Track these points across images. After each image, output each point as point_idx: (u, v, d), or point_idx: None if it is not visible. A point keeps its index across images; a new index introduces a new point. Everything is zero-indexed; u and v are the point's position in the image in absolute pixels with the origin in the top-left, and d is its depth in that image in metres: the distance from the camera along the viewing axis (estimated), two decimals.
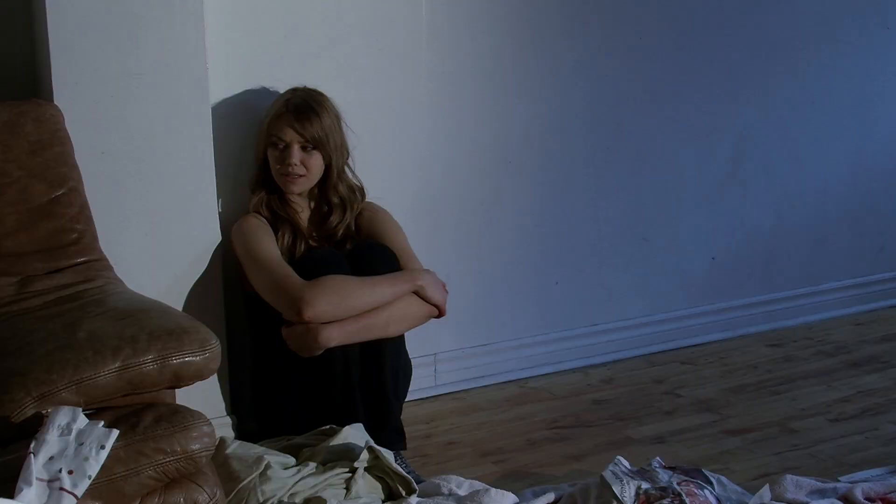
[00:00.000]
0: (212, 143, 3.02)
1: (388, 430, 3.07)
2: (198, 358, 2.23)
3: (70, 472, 1.98)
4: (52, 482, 1.97)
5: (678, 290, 4.10)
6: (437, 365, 3.62)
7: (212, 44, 3.02)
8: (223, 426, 3.11)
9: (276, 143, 3.10)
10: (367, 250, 3.10)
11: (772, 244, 4.28)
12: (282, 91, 3.22)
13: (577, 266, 3.89)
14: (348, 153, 3.21)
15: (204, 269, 3.05)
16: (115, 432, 2.06)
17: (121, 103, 2.87)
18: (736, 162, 4.12)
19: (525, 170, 3.73)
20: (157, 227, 2.97)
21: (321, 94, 3.16)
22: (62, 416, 2.06)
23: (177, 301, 2.99)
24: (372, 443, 2.80)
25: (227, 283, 3.13)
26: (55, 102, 2.79)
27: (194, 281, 3.04)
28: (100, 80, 2.84)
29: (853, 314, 4.43)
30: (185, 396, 2.39)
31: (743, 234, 4.20)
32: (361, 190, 3.25)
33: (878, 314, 4.45)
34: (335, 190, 3.18)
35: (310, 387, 3.00)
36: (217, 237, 3.07)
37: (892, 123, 4.44)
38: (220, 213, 3.09)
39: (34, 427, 2.06)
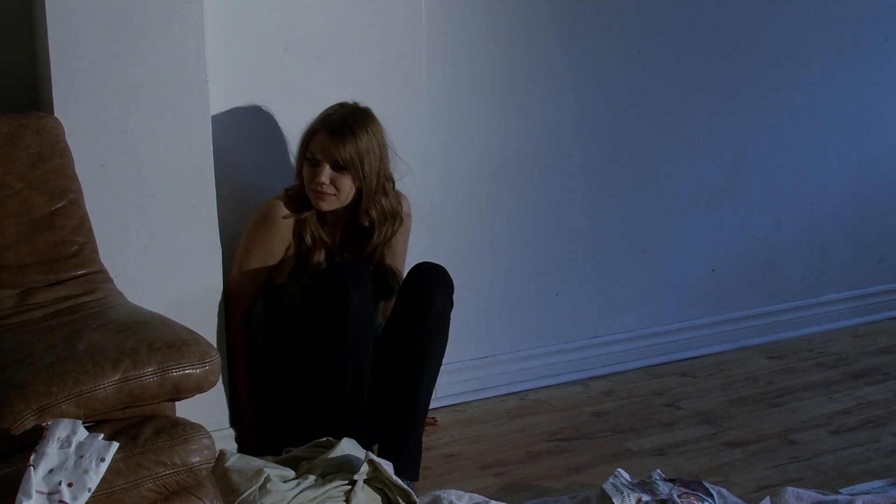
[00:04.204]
0: (212, 154, 3.01)
1: (403, 456, 3.06)
2: (198, 370, 2.23)
3: (70, 485, 1.98)
4: (52, 495, 1.97)
5: (678, 301, 4.10)
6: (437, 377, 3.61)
7: (212, 56, 3.02)
8: (223, 439, 3.10)
9: (310, 159, 3.06)
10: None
11: (771, 255, 4.28)
12: (282, 102, 3.23)
13: (576, 278, 3.89)
14: (390, 178, 3.15)
15: (204, 281, 3.05)
16: (115, 445, 2.06)
17: (121, 115, 2.87)
18: (735, 173, 4.12)
19: (524, 181, 3.73)
20: (157, 239, 2.97)
21: (366, 115, 3.08)
22: (62, 429, 2.06)
23: (177, 313, 2.97)
24: (371, 455, 2.80)
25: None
26: (55, 114, 2.79)
27: (195, 293, 3.04)
28: (100, 92, 2.84)
29: (853, 326, 4.43)
30: (184, 409, 2.39)
31: (742, 245, 4.20)
32: (395, 214, 3.17)
33: (878, 326, 4.45)
34: (366, 214, 3.11)
35: (317, 401, 3.01)
36: (217, 249, 3.07)
37: (891, 134, 4.45)
38: (220, 225, 3.09)
39: (34, 439, 2.06)
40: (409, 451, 3.07)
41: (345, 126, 3.03)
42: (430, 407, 3.51)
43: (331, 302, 2.94)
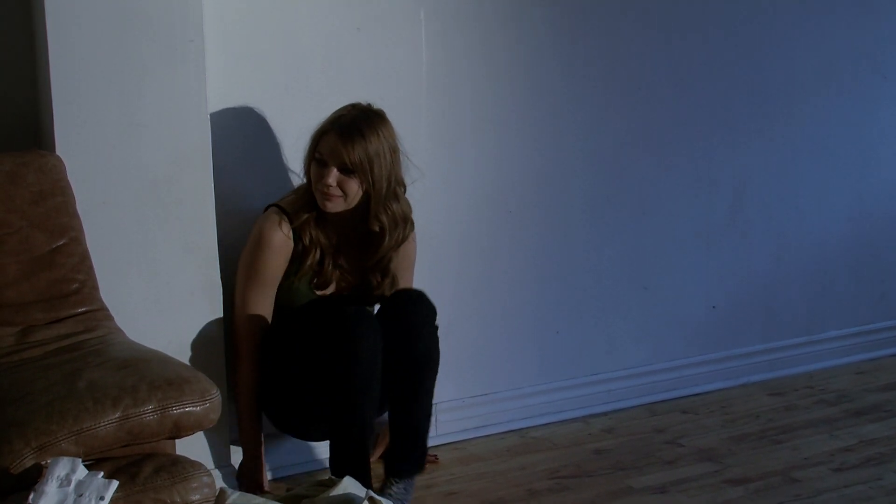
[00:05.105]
0: (213, 192, 3.02)
1: (412, 459, 3.08)
2: (198, 408, 2.23)
3: None
4: None
5: (679, 338, 4.09)
6: (437, 415, 3.59)
7: (213, 93, 3.03)
8: (223, 477, 3.09)
9: (319, 160, 3.00)
10: (408, 303, 3.06)
11: (772, 292, 4.27)
12: (284, 139, 3.23)
13: (577, 315, 3.89)
14: (400, 183, 3.09)
15: (205, 318, 3.05)
16: (115, 483, 2.05)
17: (122, 153, 2.88)
18: (736, 210, 4.13)
19: (525, 218, 3.73)
20: (157, 277, 2.97)
21: (379, 117, 3.02)
22: (61, 467, 2.05)
23: (177, 350, 2.98)
24: (372, 493, 2.78)
25: (230, 325, 3.13)
26: (57, 152, 2.80)
27: (195, 331, 3.04)
28: (102, 130, 2.85)
29: (854, 363, 4.42)
30: (185, 447, 2.38)
31: (743, 282, 4.20)
32: (406, 219, 3.12)
33: (880, 363, 4.44)
34: (377, 219, 3.04)
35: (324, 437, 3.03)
36: (218, 286, 3.07)
37: (891, 171, 4.45)
38: (221, 262, 3.09)
39: (33, 478, 2.05)
40: (417, 456, 3.10)
41: (355, 128, 2.96)
42: (431, 444, 3.50)
43: (340, 353, 2.90)
